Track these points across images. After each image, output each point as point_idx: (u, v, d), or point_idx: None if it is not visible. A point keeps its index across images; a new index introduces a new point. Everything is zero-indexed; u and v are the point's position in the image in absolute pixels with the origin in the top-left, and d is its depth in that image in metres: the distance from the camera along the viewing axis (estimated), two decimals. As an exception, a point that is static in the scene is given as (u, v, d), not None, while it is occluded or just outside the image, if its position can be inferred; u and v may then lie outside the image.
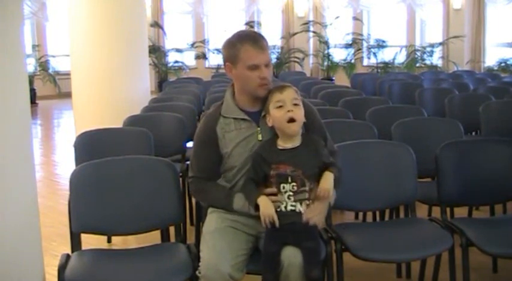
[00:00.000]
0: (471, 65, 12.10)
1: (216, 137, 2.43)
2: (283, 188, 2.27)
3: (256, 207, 2.29)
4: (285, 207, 2.27)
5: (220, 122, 2.44)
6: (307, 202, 2.29)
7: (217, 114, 2.46)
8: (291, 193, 2.27)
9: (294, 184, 2.26)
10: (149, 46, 7.64)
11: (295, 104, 2.31)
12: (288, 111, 2.28)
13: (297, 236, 2.25)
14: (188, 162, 4.22)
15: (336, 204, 2.86)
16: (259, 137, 2.40)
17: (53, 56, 13.25)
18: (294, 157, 2.28)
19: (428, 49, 12.54)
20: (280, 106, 2.30)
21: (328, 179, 2.30)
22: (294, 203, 2.27)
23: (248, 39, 2.39)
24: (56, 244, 3.85)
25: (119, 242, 3.83)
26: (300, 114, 2.31)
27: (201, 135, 2.50)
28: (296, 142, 2.32)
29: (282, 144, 2.32)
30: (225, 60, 2.45)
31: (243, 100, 2.45)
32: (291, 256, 2.22)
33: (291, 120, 2.28)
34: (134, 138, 3.68)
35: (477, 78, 8.10)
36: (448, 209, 3.13)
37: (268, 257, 2.26)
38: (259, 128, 2.41)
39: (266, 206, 2.26)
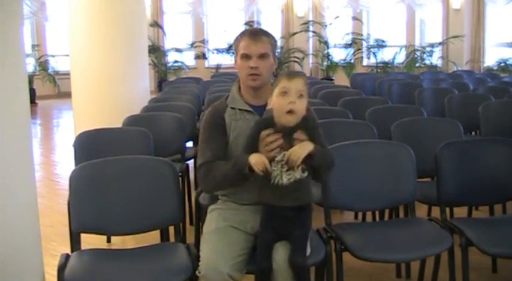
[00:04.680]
0: (471, 65, 12.11)
1: (225, 124, 2.47)
2: (275, 158, 2.24)
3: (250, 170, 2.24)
4: (281, 178, 2.24)
5: (228, 111, 2.49)
6: (303, 166, 2.25)
7: (224, 104, 2.52)
8: (283, 163, 2.23)
9: (285, 153, 2.23)
10: (149, 46, 7.64)
11: (300, 95, 2.25)
12: (290, 102, 2.22)
13: (289, 225, 2.26)
14: (188, 162, 4.30)
15: (335, 204, 2.89)
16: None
17: (53, 56, 13.25)
18: (288, 135, 2.24)
19: (428, 49, 12.54)
20: (285, 93, 2.24)
21: (304, 145, 2.21)
22: (289, 172, 2.23)
23: (248, 32, 2.51)
24: (56, 244, 3.85)
25: (118, 242, 3.83)
26: (301, 107, 2.25)
27: (210, 122, 2.51)
28: (291, 124, 2.26)
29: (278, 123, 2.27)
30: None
31: (247, 94, 2.51)
32: (281, 260, 2.23)
33: (290, 111, 2.23)
34: (134, 138, 3.68)
35: (477, 78, 8.11)
36: (447, 209, 3.13)
37: (263, 245, 2.28)
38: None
39: (258, 157, 2.21)
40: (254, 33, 2.49)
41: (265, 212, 2.33)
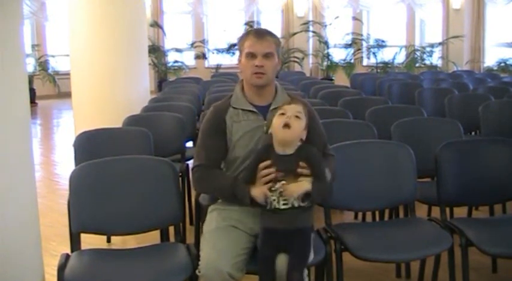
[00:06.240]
0: (471, 65, 12.11)
1: (225, 126, 2.47)
2: (274, 187, 2.27)
3: (251, 201, 2.29)
4: (278, 203, 2.26)
5: (229, 112, 2.49)
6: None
7: (226, 104, 2.52)
8: (281, 190, 2.26)
9: (284, 182, 2.26)
10: (149, 46, 7.63)
11: (297, 117, 2.30)
12: (286, 118, 2.28)
13: (290, 240, 2.25)
14: (188, 162, 4.30)
15: (335, 204, 2.89)
16: (265, 130, 2.43)
17: (53, 56, 13.24)
18: (286, 163, 2.28)
19: (428, 49, 12.56)
20: (282, 114, 2.31)
21: (301, 186, 2.26)
22: (285, 198, 2.26)
23: (253, 31, 2.53)
24: (56, 244, 3.85)
25: (118, 242, 3.83)
26: (297, 125, 2.29)
27: (210, 125, 2.52)
28: (290, 151, 2.31)
29: (277, 150, 2.32)
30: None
31: (251, 94, 2.51)
32: (283, 268, 2.23)
33: (286, 125, 2.27)
34: (134, 138, 3.68)
35: (477, 78, 8.12)
36: (447, 209, 3.13)
37: (263, 261, 2.27)
38: (266, 122, 2.45)
39: (259, 190, 2.27)
40: (259, 32, 2.50)
41: (264, 231, 2.31)
